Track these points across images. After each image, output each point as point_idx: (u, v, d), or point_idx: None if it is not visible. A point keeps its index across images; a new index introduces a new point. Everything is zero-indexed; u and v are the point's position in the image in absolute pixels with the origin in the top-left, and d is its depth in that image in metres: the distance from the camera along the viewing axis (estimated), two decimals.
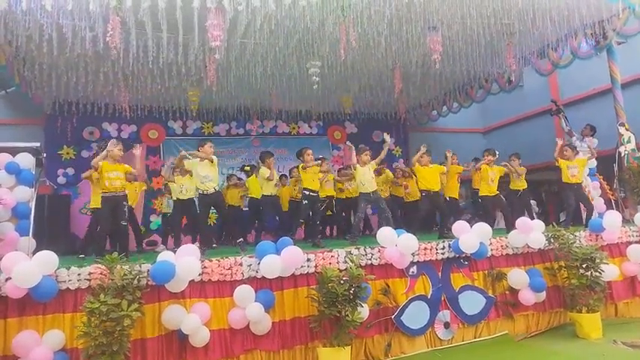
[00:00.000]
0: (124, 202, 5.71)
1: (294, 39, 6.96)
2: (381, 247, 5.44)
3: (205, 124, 10.99)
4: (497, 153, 7.39)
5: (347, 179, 8.28)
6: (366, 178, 6.53)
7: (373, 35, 6.86)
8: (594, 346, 5.25)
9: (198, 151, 6.13)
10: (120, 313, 3.83)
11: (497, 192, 7.30)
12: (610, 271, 5.90)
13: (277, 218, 7.98)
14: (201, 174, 6.09)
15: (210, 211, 7.25)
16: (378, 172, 8.24)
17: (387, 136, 6.90)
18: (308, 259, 5.07)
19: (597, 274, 5.61)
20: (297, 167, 7.24)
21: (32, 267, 4.01)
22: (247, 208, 8.56)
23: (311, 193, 6.73)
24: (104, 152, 5.57)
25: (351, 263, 4.98)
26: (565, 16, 6.67)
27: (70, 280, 4.26)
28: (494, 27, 6.95)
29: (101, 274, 4.29)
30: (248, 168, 8.49)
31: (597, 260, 5.63)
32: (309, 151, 6.78)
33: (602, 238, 6.50)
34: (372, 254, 5.40)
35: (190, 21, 5.60)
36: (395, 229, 5.66)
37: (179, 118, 10.60)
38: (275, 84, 8.80)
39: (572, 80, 10.47)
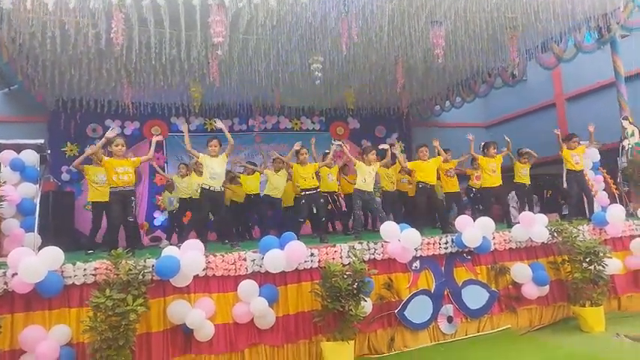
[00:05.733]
0: (132, 198, 5.74)
1: (296, 34, 6.95)
2: (384, 241, 5.46)
3: (208, 121, 10.97)
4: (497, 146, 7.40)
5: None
6: (368, 176, 6.59)
7: (375, 30, 6.85)
8: (597, 340, 5.27)
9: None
10: (125, 307, 3.86)
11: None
12: (613, 265, 5.91)
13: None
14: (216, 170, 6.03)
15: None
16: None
17: (385, 146, 7.18)
18: (311, 254, 5.09)
19: (600, 267, 5.62)
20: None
21: (38, 262, 4.04)
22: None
23: (307, 192, 6.77)
24: (100, 142, 5.70)
25: (354, 258, 5.00)
26: (569, 9, 6.63)
27: (75, 276, 4.30)
28: (497, 21, 6.93)
29: (106, 269, 4.32)
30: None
31: (600, 254, 5.63)
32: (304, 151, 7.00)
33: (605, 231, 6.50)
34: (375, 249, 5.41)
35: (192, 17, 5.62)
36: (399, 223, 5.66)
37: (182, 114, 10.60)
38: (277, 80, 8.79)
39: (575, 74, 10.43)
